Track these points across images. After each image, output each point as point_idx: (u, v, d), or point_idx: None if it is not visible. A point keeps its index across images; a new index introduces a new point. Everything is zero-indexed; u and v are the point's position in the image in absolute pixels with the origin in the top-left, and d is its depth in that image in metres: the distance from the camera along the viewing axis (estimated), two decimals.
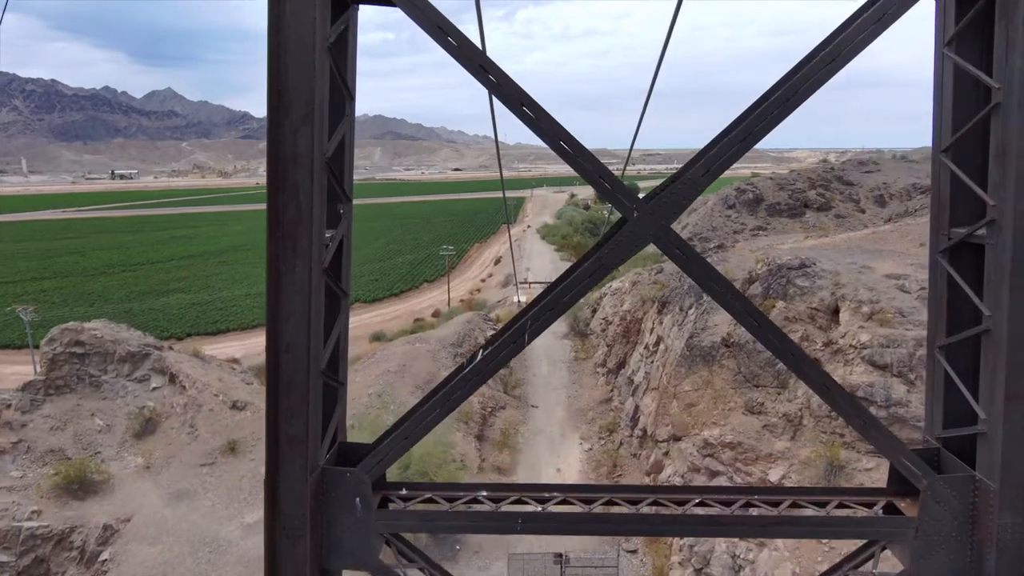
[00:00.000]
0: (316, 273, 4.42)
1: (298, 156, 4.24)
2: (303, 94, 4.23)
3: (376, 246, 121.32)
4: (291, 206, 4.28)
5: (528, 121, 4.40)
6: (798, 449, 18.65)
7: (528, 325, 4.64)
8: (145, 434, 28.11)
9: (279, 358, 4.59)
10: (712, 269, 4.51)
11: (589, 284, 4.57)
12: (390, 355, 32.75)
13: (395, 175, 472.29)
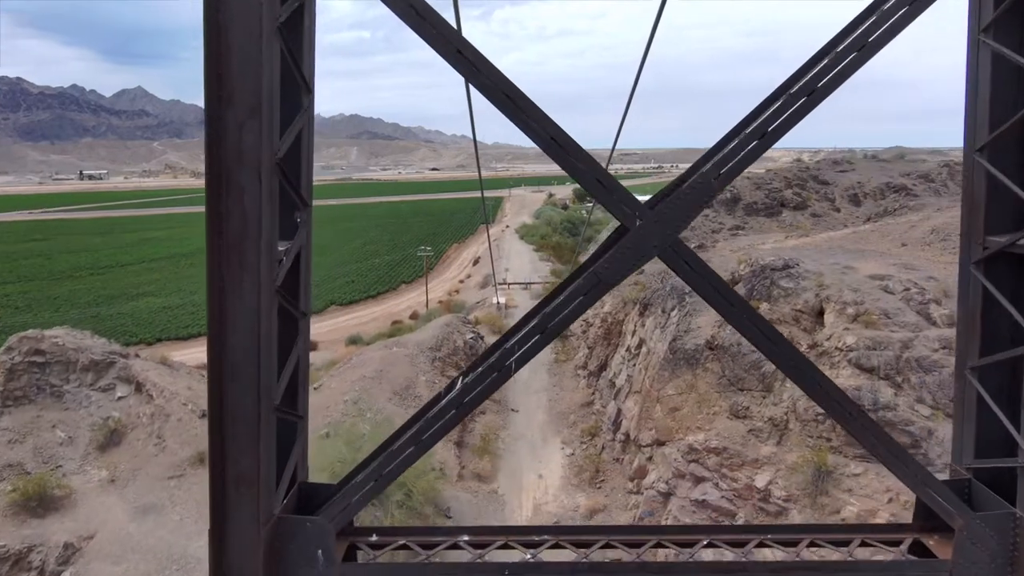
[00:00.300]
0: (267, 292, 3.77)
1: (244, 155, 3.58)
2: (249, 82, 3.57)
3: (353, 247, 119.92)
4: (236, 213, 3.63)
5: (512, 114, 3.79)
6: (784, 454, 18.32)
7: (515, 350, 4.04)
8: (110, 446, 26.95)
9: (224, 390, 3.92)
10: (730, 290, 3.95)
11: (585, 303, 3.97)
12: (367, 360, 31.93)
13: (372, 175, 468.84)
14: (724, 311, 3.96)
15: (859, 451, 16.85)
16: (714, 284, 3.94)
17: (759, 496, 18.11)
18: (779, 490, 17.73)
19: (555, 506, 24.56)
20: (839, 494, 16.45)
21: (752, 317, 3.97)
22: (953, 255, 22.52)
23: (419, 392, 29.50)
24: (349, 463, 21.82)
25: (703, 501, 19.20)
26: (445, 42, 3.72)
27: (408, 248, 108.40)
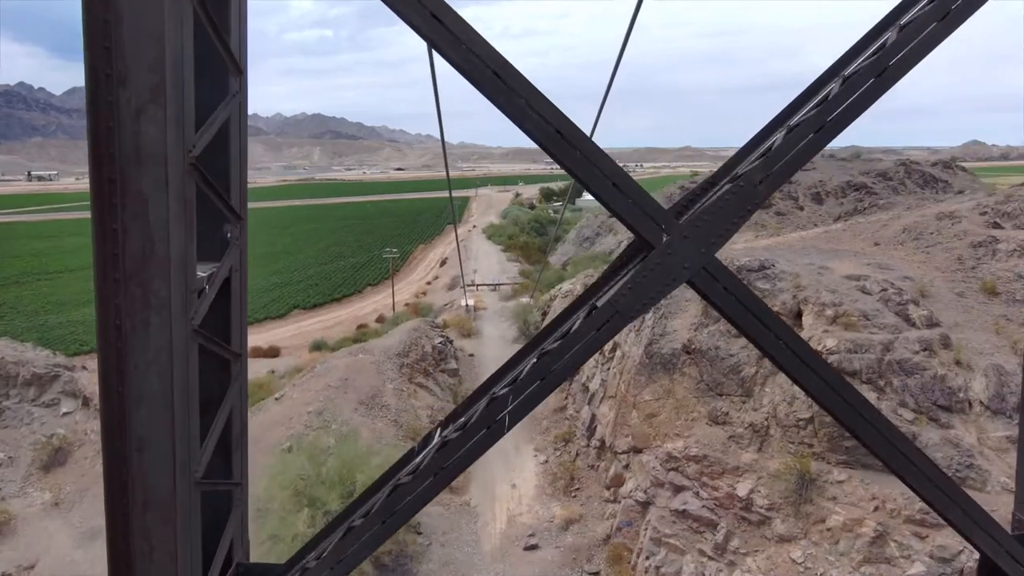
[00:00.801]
0: (181, 333, 2.83)
1: (143, 153, 2.64)
2: (148, 54, 2.62)
3: (316, 248, 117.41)
4: (135, 232, 2.69)
5: (504, 99, 2.92)
6: (766, 461, 17.84)
7: (508, 401, 3.17)
8: (54, 466, 25.22)
9: (127, 466, 2.97)
10: (786, 327, 3.16)
11: (598, 340, 3.14)
12: (331, 368, 30.65)
13: (335, 175, 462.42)
14: (776, 352, 3.16)
15: (842, 457, 16.45)
16: (763, 317, 3.14)
17: (741, 505, 17.59)
18: (761, 498, 17.24)
19: (530, 517, 23.77)
20: (823, 502, 16.01)
21: (816, 362, 3.19)
22: (926, 254, 22.46)
23: (386, 401, 28.39)
24: (312, 479, 20.68)
25: (683, 511, 18.61)
26: (416, 5, 2.84)
27: (373, 249, 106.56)
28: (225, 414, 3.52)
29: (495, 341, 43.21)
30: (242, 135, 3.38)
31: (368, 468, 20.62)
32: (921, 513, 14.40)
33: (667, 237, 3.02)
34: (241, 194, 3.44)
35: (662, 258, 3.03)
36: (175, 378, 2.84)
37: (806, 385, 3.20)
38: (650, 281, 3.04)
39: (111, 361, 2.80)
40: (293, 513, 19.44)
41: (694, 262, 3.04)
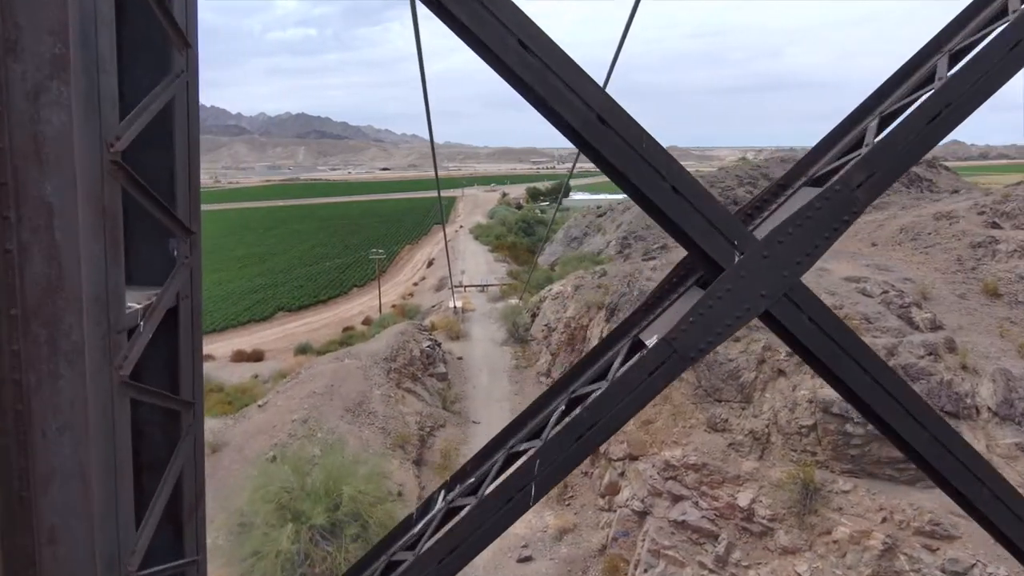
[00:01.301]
0: (106, 386, 2.12)
1: (44, 146, 1.92)
2: (49, 13, 1.92)
3: (301, 249, 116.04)
4: (37, 253, 1.97)
5: (531, 77, 2.24)
6: (767, 470, 17.30)
7: (535, 470, 2.47)
8: None
9: (35, 561, 2.25)
10: (893, 373, 2.50)
11: (650, 389, 2.46)
12: (316, 374, 29.77)
13: (320, 175, 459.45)
14: (880, 406, 2.50)
15: (847, 466, 15.94)
16: (861, 358, 2.48)
17: (742, 515, 17.04)
18: (764, 509, 16.69)
19: (522, 527, 23.07)
20: (829, 513, 15.48)
21: (925, 412, 2.53)
22: (925, 255, 22.05)
23: (373, 408, 27.57)
24: (296, 492, 19.84)
25: (682, 522, 18.03)
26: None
27: (359, 250, 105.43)
28: (173, 478, 2.80)
29: (484, 343, 42.45)
30: (191, 126, 2.66)
31: (355, 480, 19.83)
32: (931, 525, 13.91)
33: (740, 256, 2.35)
34: (191, 201, 2.72)
35: (734, 282, 2.35)
36: (96, 446, 2.13)
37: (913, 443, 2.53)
38: (717, 312, 2.37)
39: (9, 428, 2.08)
40: (277, 528, 18.61)
41: (773, 287, 2.37)
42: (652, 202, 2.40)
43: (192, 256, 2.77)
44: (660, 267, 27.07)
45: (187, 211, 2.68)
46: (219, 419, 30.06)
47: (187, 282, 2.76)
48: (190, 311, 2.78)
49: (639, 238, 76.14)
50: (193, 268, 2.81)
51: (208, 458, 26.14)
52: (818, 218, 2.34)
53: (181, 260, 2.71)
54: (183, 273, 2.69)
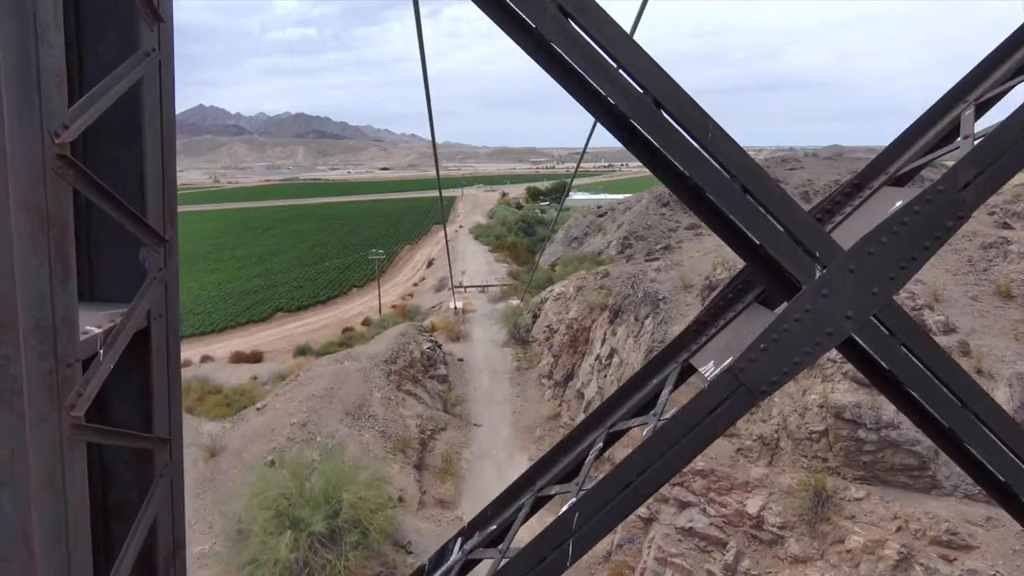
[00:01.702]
0: (53, 430, 1.74)
1: None
2: None
3: (300, 249, 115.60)
4: None
5: (577, 53, 1.85)
6: (776, 476, 16.90)
7: (575, 521, 2.07)
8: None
9: None
10: (995, 408, 2.11)
11: (712, 429, 2.07)
12: (315, 376, 29.36)
13: (320, 175, 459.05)
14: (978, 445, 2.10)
15: (859, 473, 15.54)
16: (957, 386, 2.08)
17: (751, 523, 16.64)
18: (773, 516, 16.29)
19: (525, 533, 22.65)
20: (841, 521, 15.08)
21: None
22: (935, 256, 21.65)
23: (373, 411, 27.17)
24: (295, 498, 19.42)
25: (690, 529, 17.63)
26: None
27: (359, 250, 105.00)
28: (147, 523, 2.40)
29: (485, 344, 42.06)
30: (165, 115, 2.26)
31: (354, 485, 19.41)
32: (948, 534, 13.51)
33: (822, 270, 1.95)
34: (165, 204, 2.32)
35: (814, 302, 1.96)
36: (42, 504, 1.73)
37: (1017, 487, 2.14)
38: (793, 338, 1.97)
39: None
40: (275, 536, 18.20)
41: (861, 308, 1.97)
42: (714, 204, 2.01)
43: (167, 268, 2.37)
44: (664, 268, 26.68)
45: (160, 216, 2.28)
46: (217, 422, 29.66)
47: (161, 298, 2.36)
48: (164, 332, 2.38)
49: (640, 238, 75.67)
50: (168, 282, 2.40)
51: (206, 462, 25.76)
52: (916, 224, 1.95)
53: (153, 273, 2.30)
54: (156, 288, 2.29)
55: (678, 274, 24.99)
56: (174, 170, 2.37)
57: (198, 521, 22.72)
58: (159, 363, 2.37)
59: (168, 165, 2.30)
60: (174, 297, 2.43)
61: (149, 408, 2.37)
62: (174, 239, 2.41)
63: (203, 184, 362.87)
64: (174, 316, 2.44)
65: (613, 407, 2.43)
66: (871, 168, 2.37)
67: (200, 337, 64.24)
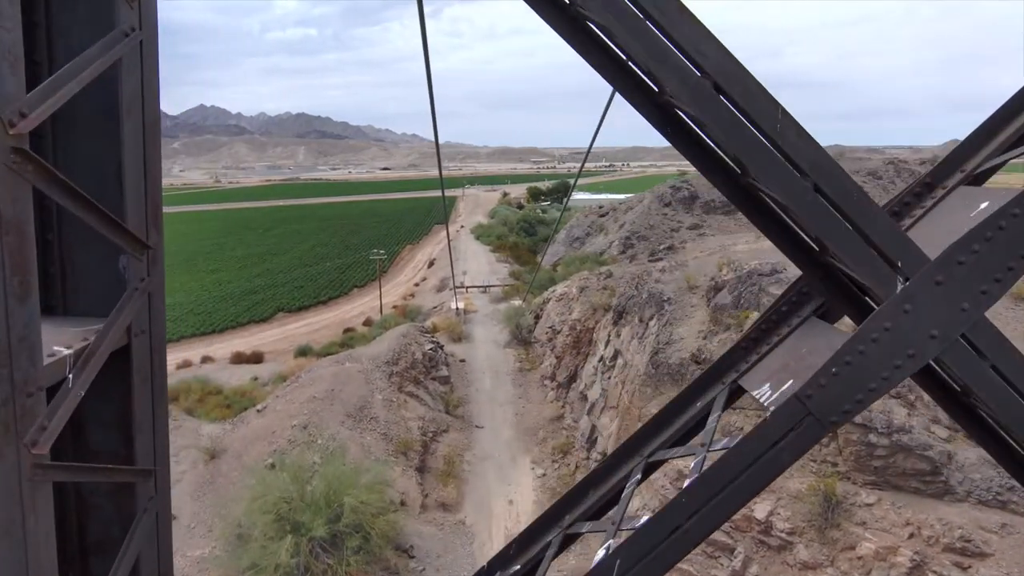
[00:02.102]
0: (12, 472, 1.48)
1: None
2: None
3: (301, 249, 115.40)
4: None
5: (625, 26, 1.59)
6: (785, 480, 16.60)
7: (616, 569, 1.80)
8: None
9: None
10: None
11: (776, 464, 1.80)
12: (316, 378, 29.10)
13: (321, 175, 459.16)
14: None
15: (870, 478, 15.26)
16: None
17: (759, 528, 16.36)
18: (782, 521, 16.02)
19: None
20: (851, 527, 14.80)
21: None
22: None
23: (375, 413, 26.91)
24: (295, 502, 19.17)
25: None
26: None
27: (359, 250, 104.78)
28: (129, 563, 2.14)
29: (487, 345, 41.81)
30: (147, 103, 2.00)
31: (356, 489, 19.16)
32: (962, 541, 13.24)
33: (904, 283, 1.68)
34: (148, 205, 2.05)
35: (894, 319, 1.69)
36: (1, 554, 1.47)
37: None
38: (870, 361, 1.71)
39: None
40: (275, 540, 17.96)
41: (947, 327, 1.70)
42: (764, 205, 1.74)
43: (151, 277, 2.11)
44: (668, 268, 26.40)
45: (142, 219, 2.02)
46: (218, 424, 29.42)
47: (143, 311, 2.09)
48: (147, 350, 2.12)
49: (642, 238, 75.34)
50: (152, 292, 2.14)
51: (206, 465, 25.52)
52: (1014, 230, 1.68)
53: (135, 283, 2.04)
54: (138, 300, 2.03)
55: (683, 275, 24.72)
56: (158, 165, 2.11)
57: (198, 525, 22.48)
58: (142, 385, 2.10)
59: (151, 160, 2.04)
60: (159, 310, 2.16)
61: (130, 435, 2.11)
62: (159, 245, 2.14)
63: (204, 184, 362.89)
64: (159, 331, 2.17)
65: (651, 433, 2.17)
66: (944, 166, 2.10)
67: (201, 337, 64.03)
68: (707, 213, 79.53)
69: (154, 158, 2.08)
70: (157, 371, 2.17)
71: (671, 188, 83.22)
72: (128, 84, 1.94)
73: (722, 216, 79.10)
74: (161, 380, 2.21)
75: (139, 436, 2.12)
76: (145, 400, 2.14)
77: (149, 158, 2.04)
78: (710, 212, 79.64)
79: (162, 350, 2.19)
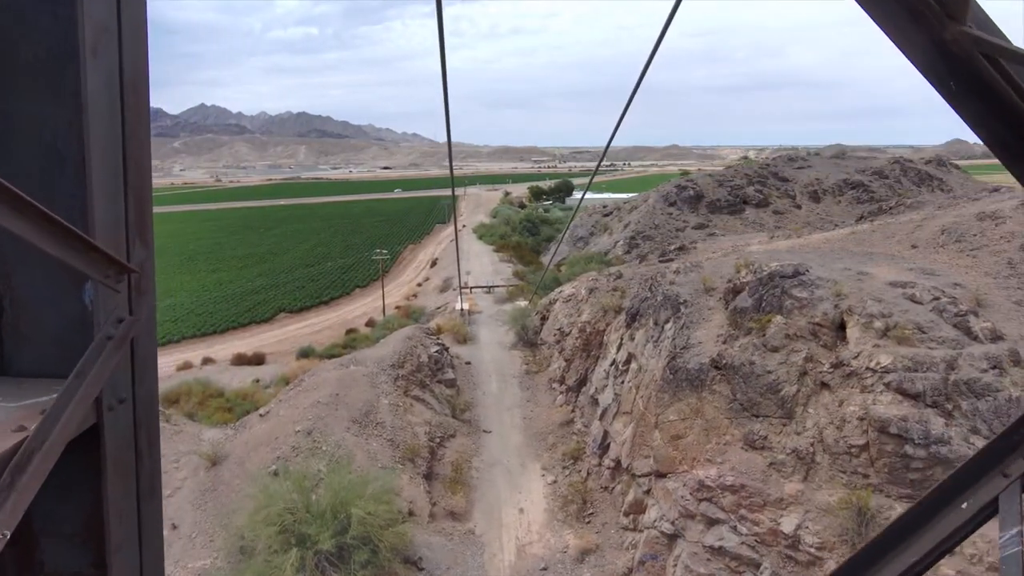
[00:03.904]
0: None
1: None
2: None
3: (303, 249, 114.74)
4: None
5: None
6: (813, 492, 15.89)
7: None
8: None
9: None
10: None
11: None
12: (320, 382, 28.37)
13: (321, 174, 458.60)
14: None
15: (905, 490, 14.53)
16: None
17: (787, 543, 15.64)
18: (811, 536, 15.29)
19: (541, 547, 21.70)
20: None
21: None
22: (972, 258, 20.64)
23: (381, 418, 26.19)
24: (300, 513, 18.45)
25: (719, 548, 16.64)
26: None
27: (361, 250, 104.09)
28: None
29: (492, 347, 41.08)
30: (126, 40, 1.26)
31: (363, 500, 18.44)
32: None
33: None
34: (130, 204, 1.31)
35: None
36: None
37: None
38: None
39: None
40: (280, 554, 17.24)
41: None
42: None
43: (134, 316, 1.36)
44: (683, 270, 25.67)
45: (119, 225, 1.28)
46: (219, 429, 28.70)
47: (123, 369, 1.36)
48: (130, 426, 1.38)
49: (647, 238, 74.63)
50: (139, 338, 1.40)
51: (207, 471, 24.80)
52: None
53: (108, 326, 1.30)
54: (112, 354, 1.28)
55: (698, 276, 23.98)
56: (146, 146, 1.37)
57: (199, 534, 21.77)
58: (119, 480, 1.37)
59: (134, 136, 1.31)
60: (148, 364, 1.43)
61: (102, 554, 1.38)
62: (147, 264, 1.41)
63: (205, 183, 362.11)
64: (148, 395, 1.44)
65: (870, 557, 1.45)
66: None
67: (202, 338, 63.36)
68: (712, 212, 78.97)
69: (138, 135, 1.34)
70: (145, 456, 1.44)
71: (676, 187, 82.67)
72: (94, 10, 1.21)
73: (728, 216, 78.52)
74: (151, 468, 1.48)
75: (117, 555, 1.39)
76: (125, 501, 1.41)
77: (130, 133, 1.31)
78: (716, 211, 79.08)
79: (152, 424, 1.46)
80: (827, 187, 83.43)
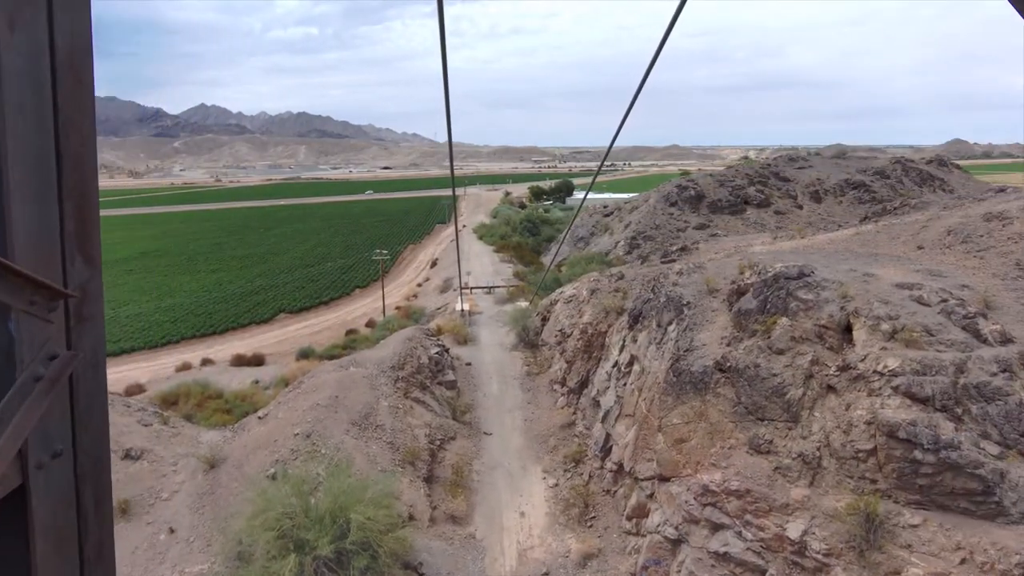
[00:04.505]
0: None
1: None
2: None
3: (302, 249, 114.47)
4: None
5: None
6: (819, 498, 15.63)
7: None
8: None
9: None
10: None
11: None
12: (319, 384, 28.11)
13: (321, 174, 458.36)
14: None
15: (915, 496, 14.28)
16: None
17: (793, 548, 15.38)
18: (817, 542, 15.03)
19: (542, 551, 21.45)
20: (896, 550, 13.81)
21: None
22: (980, 259, 20.37)
23: (380, 420, 25.93)
24: (299, 518, 18.18)
25: (724, 553, 16.39)
26: None
27: (361, 250, 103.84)
28: None
29: (493, 348, 40.82)
30: (62, 24, 1.00)
31: (362, 505, 18.17)
32: (1021, 568, 12.26)
33: None
34: (67, 213, 1.04)
35: None
36: None
37: None
38: None
39: None
40: (278, 559, 16.98)
41: None
42: None
43: (79, 347, 1.11)
44: (685, 271, 25.41)
45: (52, 238, 1.02)
46: (217, 431, 28.43)
47: (60, 419, 1.10)
48: (68, 488, 1.13)
49: (648, 238, 74.34)
50: (80, 376, 1.14)
51: (206, 474, 24.53)
52: None
53: (37, 365, 1.04)
54: (40, 398, 1.03)
55: (701, 277, 23.72)
56: (91, 136, 1.12)
57: (196, 538, 21.52)
58: (54, 548, 1.12)
59: (75, 120, 1.06)
60: (95, 407, 1.17)
61: None
62: (93, 285, 1.15)
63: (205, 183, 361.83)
64: (95, 445, 1.18)
65: None
66: None
67: (201, 339, 63.10)
68: (714, 213, 78.68)
69: (80, 127, 1.09)
70: (90, 517, 1.19)
71: (677, 187, 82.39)
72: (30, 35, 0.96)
73: (729, 216, 78.21)
74: (99, 530, 1.22)
75: None
76: (64, 571, 1.16)
77: (67, 124, 1.06)
78: (717, 212, 78.78)
79: (101, 477, 1.21)
80: (828, 187, 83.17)
